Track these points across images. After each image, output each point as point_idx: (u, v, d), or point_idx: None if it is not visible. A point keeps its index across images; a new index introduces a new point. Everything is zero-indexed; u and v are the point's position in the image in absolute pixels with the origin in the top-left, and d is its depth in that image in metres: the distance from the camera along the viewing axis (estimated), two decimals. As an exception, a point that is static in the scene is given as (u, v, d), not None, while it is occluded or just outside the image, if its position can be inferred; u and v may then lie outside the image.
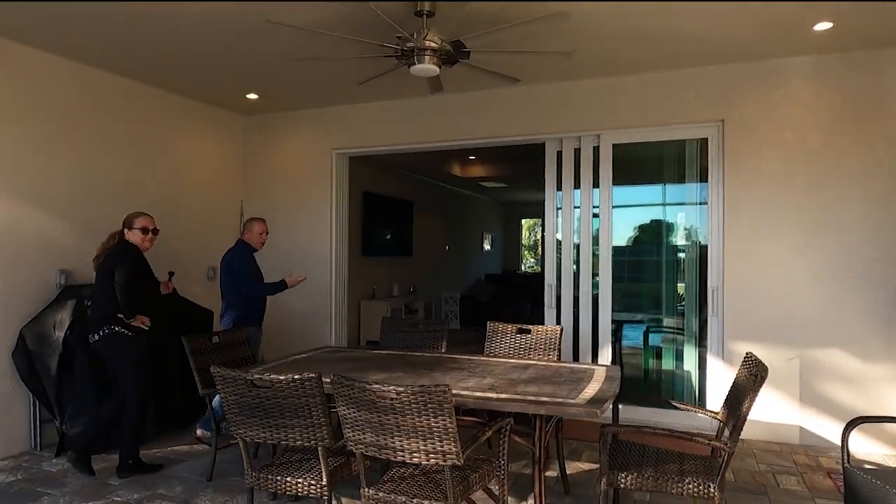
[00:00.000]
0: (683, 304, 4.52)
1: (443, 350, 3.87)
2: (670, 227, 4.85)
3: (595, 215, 4.55)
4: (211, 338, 3.41)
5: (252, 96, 4.98)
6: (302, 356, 3.46)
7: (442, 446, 2.07)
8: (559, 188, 4.69)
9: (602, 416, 2.32)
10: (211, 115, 5.30)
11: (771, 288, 4.00)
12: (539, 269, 15.67)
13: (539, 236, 17.29)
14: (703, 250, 4.34)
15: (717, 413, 2.74)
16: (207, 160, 5.29)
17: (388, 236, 9.00)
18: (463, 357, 3.42)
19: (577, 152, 4.60)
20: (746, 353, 2.67)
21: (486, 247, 14.14)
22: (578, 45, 3.69)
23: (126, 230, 3.45)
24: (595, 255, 4.53)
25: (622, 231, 4.67)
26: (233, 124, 5.55)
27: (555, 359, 3.56)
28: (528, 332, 3.73)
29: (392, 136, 5.09)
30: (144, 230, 3.45)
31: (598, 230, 4.52)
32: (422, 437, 2.09)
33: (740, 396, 2.45)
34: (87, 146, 4.19)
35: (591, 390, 2.57)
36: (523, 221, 16.08)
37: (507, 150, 9.32)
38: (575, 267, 4.63)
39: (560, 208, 4.71)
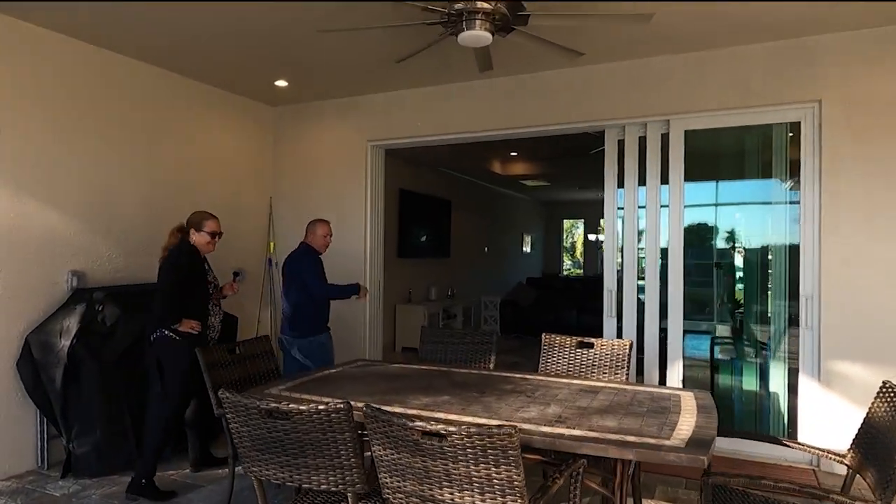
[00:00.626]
0: (769, 314, 3.94)
1: (491, 366, 3.40)
2: (748, 228, 4.28)
3: (654, 213, 4.01)
4: (233, 349, 3.03)
5: (281, 83, 4.62)
6: (330, 372, 3.04)
7: (505, 501, 1.61)
8: (620, 184, 4.16)
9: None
10: (238, 106, 4.97)
11: (881, 298, 3.39)
12: (580, 272, 15.05)
13: (577, 237, 16.65)
14: (791, 253, 3.76)
15: (842, 455, 2.19)
16: (234, 154, 4.96)
17: (425, 237, 8.60)
18: (517, 376, 2.95)
19: (643, 141, 4.07)
20: (883, 383, 2.12)
21: (526, 249, 13.60)
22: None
23: (193, 231, 3.35)
24: (663, 259, 3.99)
25: (691, 232, 4.12)
26: (261, 115, 5.21)
27: (624, 379, 3.06)
28: (591, 346, 3.24)
29: (433, 126, 4.65)
30: (213, 234, 3.40)
31: (666, 230, 3.98)
32: (478, 489, 1.63)
33: (886, 440, 1.91)
34: (103, 137, 3.88)
35: (685, 426, 2.07)
36: (565, 222, 15.47)
37: (551, 146, 8.82)
38: (637, 271, 4.10)
39: (621, 208, 4.19)
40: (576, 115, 4.21)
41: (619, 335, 4.15)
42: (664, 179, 3.97)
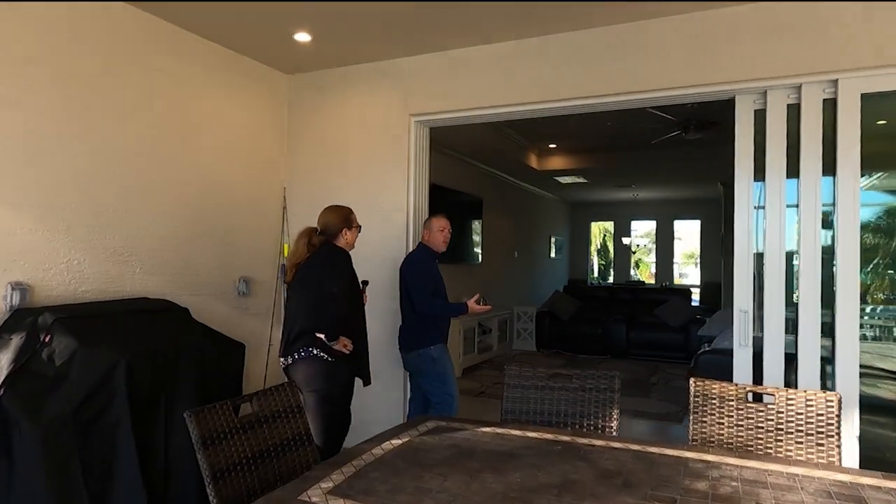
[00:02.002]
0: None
1: (614, 424, 2.38)
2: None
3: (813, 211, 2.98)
4: (249, 402, 1.99)
5: (302, 37, 3.59)
6: (399, 444, 2.00)
7: None
8: (759, 176, 3.14)
9: None
10: (244, 71, 3.95)
11: None
12: (608, 279, 14.03)
13: (604, 240, 15.65)
14: None
15: None
16: (238, 134, 3.93)
17: (455, 239, 7.58)
18: (699, 458, 1.90)
19: (794, 112, 3.05)
20: None
21: (553, 254, 12.57)
22: None
23: (345, 230, 2.99)
24: (831, 272, 2.96)
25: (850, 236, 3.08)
26: (274, 84, 4.19)
27: (837, 456, 2.03)
28: (768, 399, 2.22)
29: (499, 95, 3.63)
30: (359, 228, 3.08)
31: (832, 236, 2.95)
32: None
33: None
34: (65, 103, 2.85)
35: None
36: (593, 225, 14.44)
37: (598, 135, 7.81)
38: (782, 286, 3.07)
39: (761, 207, 3.16)
40: (695, 76, 3.19)
41: (759, 373, 3.12)
42: (827, 168, 2.94)
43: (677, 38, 3.21)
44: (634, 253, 13.33)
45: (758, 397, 2.40)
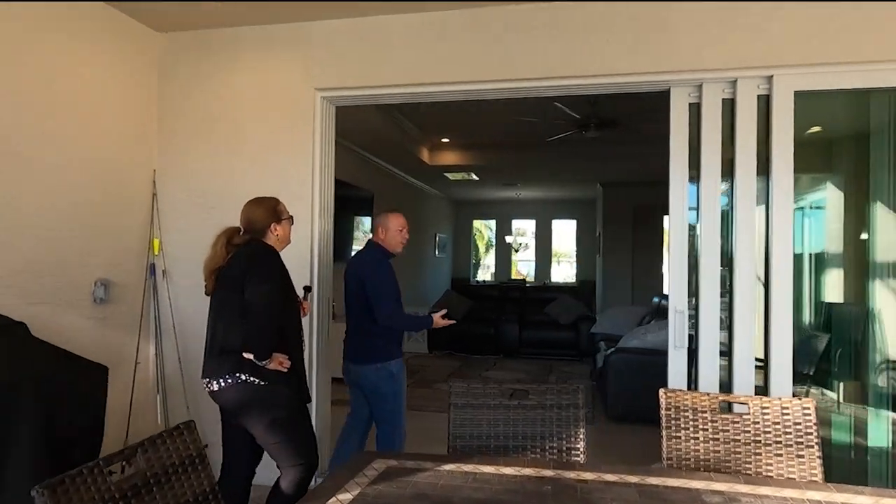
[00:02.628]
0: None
1: (581, 446, 2.10)
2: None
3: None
4: (117, 459, 1.40)
5: (184, -17, 2.92)
6: (350, 498, 1.53)
7: None
8: (695, 171, 3.05)
9: None
10: (103, 22, 3.16)
11: None
12: (487, 278, 14.16)
13: (488, 239, 15.88)
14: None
15: None
16: (94, 102, 3.14)
17: (348, 235, 7.04)
18: (705, 488, 1.65)
19: (729, 107, 3.00)
20: None
21: (437, 252, 12.39)
22: None
23: (274, 224, 2.50)
24: (765, 272, 2.93)
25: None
26: (142, 43, 3.43)
27: (818, 469, 1.91)
28: (742, 407, 2.06)
29: (424, 71, 3.22)
30: (291, 220, 2.62)
31: (766, 234, 2.93)
32: None
33: None
34: None
35: None
36: (475, 223, 14.49)
37: (491, 133, 7.69)
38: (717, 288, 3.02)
39: (695, 208, 3.08)
40: (628, 64, 3.02)
41: (694, 376, 3.04)
42: (763, 169, 2.92)
43: (618, 22, 3.02)
44: (517, 252, 13.58)
45: (726, 407, 2.25)
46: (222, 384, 2.26)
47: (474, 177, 9.86)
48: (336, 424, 3.38)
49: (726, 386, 2.99)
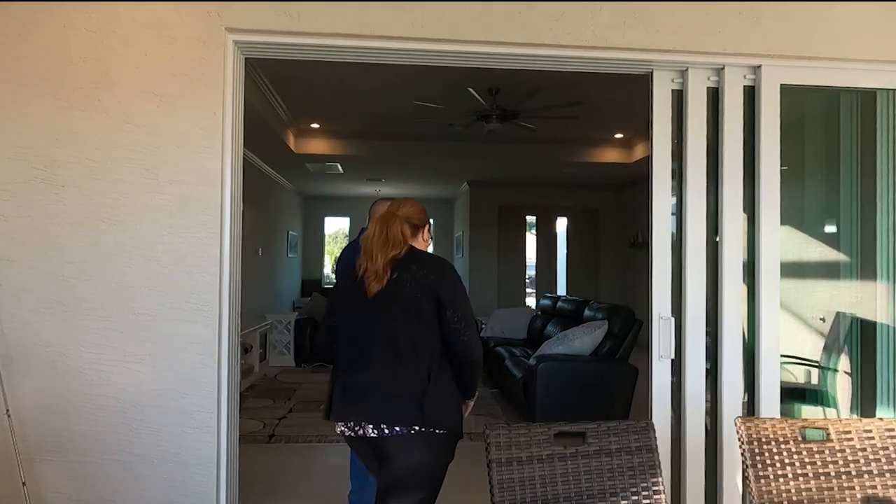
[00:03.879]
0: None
1: (661, 498, 1.66)
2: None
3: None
4: None
5: None
6: None
7: None
8: (676, 168, 2.80)
9: None
10: None
11: None
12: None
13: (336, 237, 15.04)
14: None
15: None
16: None
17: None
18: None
19: (714, 96, 2.79)
20: None
21: (288, 252, 11.30)
22: None
23: (421, 229, 2.20)
24: (753, 275, 2.76)
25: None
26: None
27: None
28: (826, 434, 1.78)
29: (377, 19, 2.52)
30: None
31: (755, 237, 2.76)
32: None
33: None
34: None
35: None
36: (327, 221, 13.55)
37: (370, 120, 7.03)
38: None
39: (678, 211, 2.82)
40: (607, 38, 2.66)
41: (678, 388, 2.77)
42: (749, 168, 2.74)
43: (608, -8, 2.63)
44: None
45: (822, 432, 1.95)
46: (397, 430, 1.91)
47: (339, 169, 9.07)
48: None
49: (712, 402, 2.77)
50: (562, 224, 10.78)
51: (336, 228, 15.91)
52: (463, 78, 5.35)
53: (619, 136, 7.86)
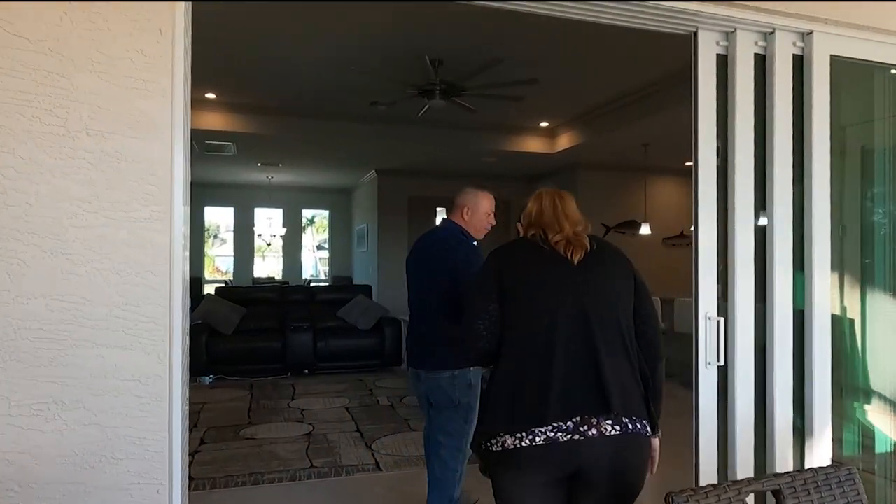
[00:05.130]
0: None
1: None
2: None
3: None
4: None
5: None
6: None
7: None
8: (724, 138, 2.43)
9: None
10: None
11: None
12: (227, 276, 11.94)
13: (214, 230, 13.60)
14: None
15: None
16: None
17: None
18: None
19: (761, 63, 2.45)
20: None
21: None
22: None
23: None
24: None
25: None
26: None
27: None
28: None
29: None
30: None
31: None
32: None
33: None
34: None
35: None
36: (207, 210, 12.09)
37: (284, 91, 6.11)
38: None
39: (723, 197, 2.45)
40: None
41: (724, 400, 2.41)
42: (799, 127, 2.44)
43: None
44: (269, 245, 11.75)
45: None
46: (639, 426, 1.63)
47: (232, 150, 7.96)
48: None
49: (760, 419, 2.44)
50: (472, 216, 10.43)
51: (216, 221, 14.38)
52: (402, 50, 4.72)
53: (544, 124, 7.62)
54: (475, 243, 2.83)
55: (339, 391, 5.71)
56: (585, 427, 1.56)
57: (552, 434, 1.54)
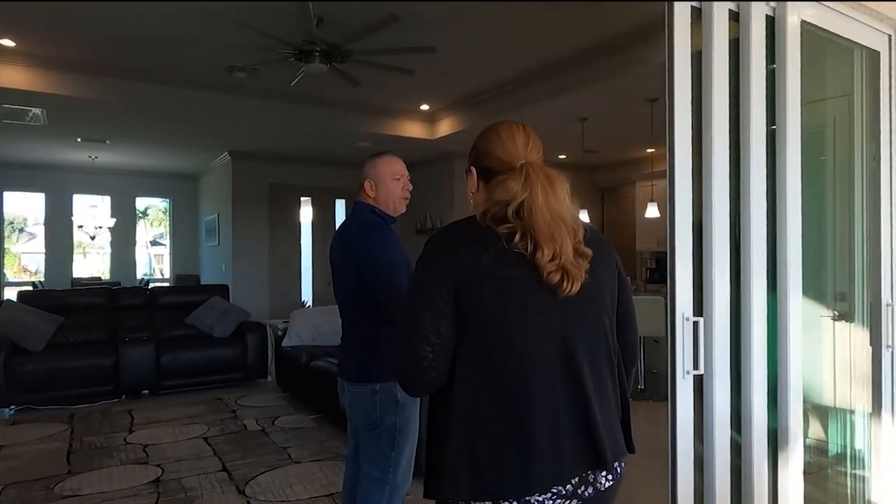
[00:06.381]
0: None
1: None
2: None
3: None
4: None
5: None
6: None
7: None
8: (698, 110, 2.09)
9: None
10: None
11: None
12: (37, 278, 9.86)
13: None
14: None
15: None
16: None
17: None
18: None
19: (735, 22, 2.15)
20: None
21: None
22: None
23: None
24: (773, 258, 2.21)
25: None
26: None
27: None
28: None
29: None
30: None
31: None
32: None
33: None
34: None
35: None
36: (8, 197, 9.95)
37: (88, 43, 4.96)
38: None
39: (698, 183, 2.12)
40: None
41: (699, 410, 2.09)
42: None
43: None
44: (94, 240, 9.88)
45: None
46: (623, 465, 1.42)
47: (41, 118, 6.45)
48: None
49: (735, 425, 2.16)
50: (340, 207, 9.67)
51: (19, 212, 12.01)
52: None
53: (425, 107, 7.14)
54: (393, 225, 2.36)
55: (193, 416, 4.73)
56: (583, 488, 1.32)
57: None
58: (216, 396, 5.36)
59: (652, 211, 6.30)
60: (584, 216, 7.54)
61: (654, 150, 8.38)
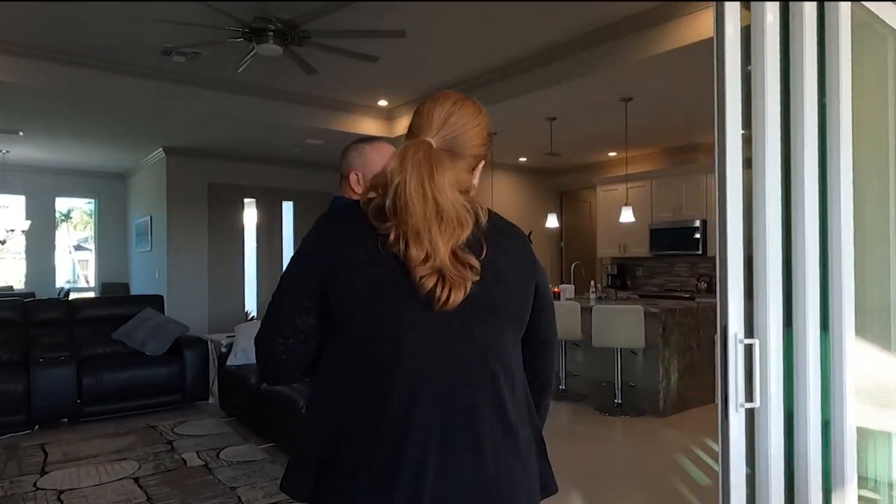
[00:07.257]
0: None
1: None
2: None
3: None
4: None
5: None
6: None
7: None
8: (747, 114, 1.81)
9: None
10: None
11: None
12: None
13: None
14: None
15: None
16: None
17: None
18: None
19: (786, 25, 1.89)
20: None
21: None
22: None
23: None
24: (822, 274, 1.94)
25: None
26: None
27: None
28: None
29: None
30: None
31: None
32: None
33: None
34: None
35: None
36: None
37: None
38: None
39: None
40: None
41: (750, 447, 1.79)
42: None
43: None
44: (4, 244, 8.88)
45: None
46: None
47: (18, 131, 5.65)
48: None
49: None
50: (288, 210, 9.09)
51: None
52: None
53: (383, 103, 6.72)
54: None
55: (122, 450, 4.11)
56: None
57: None
58: (149, 424, 4.74)
59: (626, 215, 6.11)
60: (553, 221, 7.30)
61: (615, 153, 8.26)
